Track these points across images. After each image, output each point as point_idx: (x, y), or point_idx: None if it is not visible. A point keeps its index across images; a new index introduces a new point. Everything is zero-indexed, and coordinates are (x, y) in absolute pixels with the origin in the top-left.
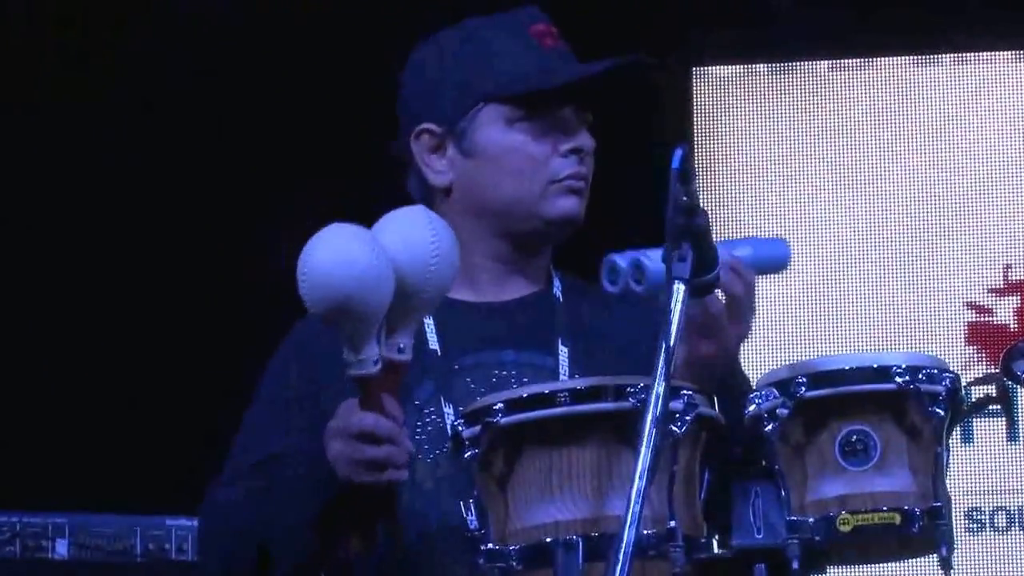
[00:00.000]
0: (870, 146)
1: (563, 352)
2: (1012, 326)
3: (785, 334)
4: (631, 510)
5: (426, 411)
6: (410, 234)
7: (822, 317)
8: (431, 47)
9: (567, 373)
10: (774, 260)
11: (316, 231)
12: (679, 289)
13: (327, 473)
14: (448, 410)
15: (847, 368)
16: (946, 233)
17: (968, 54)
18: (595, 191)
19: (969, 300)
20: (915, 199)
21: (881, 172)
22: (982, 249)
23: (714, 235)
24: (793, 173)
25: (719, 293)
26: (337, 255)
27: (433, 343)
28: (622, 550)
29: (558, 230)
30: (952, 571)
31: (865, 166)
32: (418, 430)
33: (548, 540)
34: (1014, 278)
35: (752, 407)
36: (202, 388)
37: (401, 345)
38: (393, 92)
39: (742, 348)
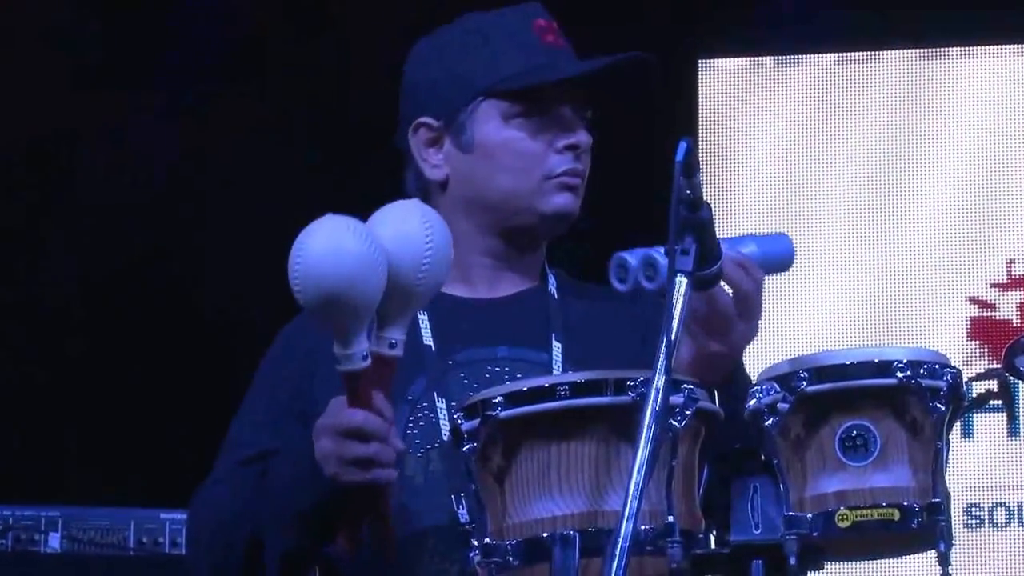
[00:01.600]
0: (875, 140)
1: (556, 348)
2: (1015, 321)
3: (787, 328)
4: (629, 505)
5: (419, 406)
6: (405, 228)
7: (824, 311)
8: (432, 40)
9: (560, 369)
10: (779, 258)
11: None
12: (682, 282)
13: (316, 470)
14: (441, 405)
15: (848, 363)
16: (949, 228)
17: (974, 48)
18: (597, 185)
19: (971, 295)
20: (919, 193)
21: (886, 166)
22: (985, 244)
23: (717, 229)
24: (798, 167)
25: (727, 289)
26: (329, 245)
27: (427, 338)
28: (619, 545)
29: (552, 226)
30: (950, 567)
31: (870, 160)
32: (410, 425)
33: (545, 535)
34: (1017, 273)
35: (752, 401)
36: (196, 381)
37: (393, 340)
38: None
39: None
